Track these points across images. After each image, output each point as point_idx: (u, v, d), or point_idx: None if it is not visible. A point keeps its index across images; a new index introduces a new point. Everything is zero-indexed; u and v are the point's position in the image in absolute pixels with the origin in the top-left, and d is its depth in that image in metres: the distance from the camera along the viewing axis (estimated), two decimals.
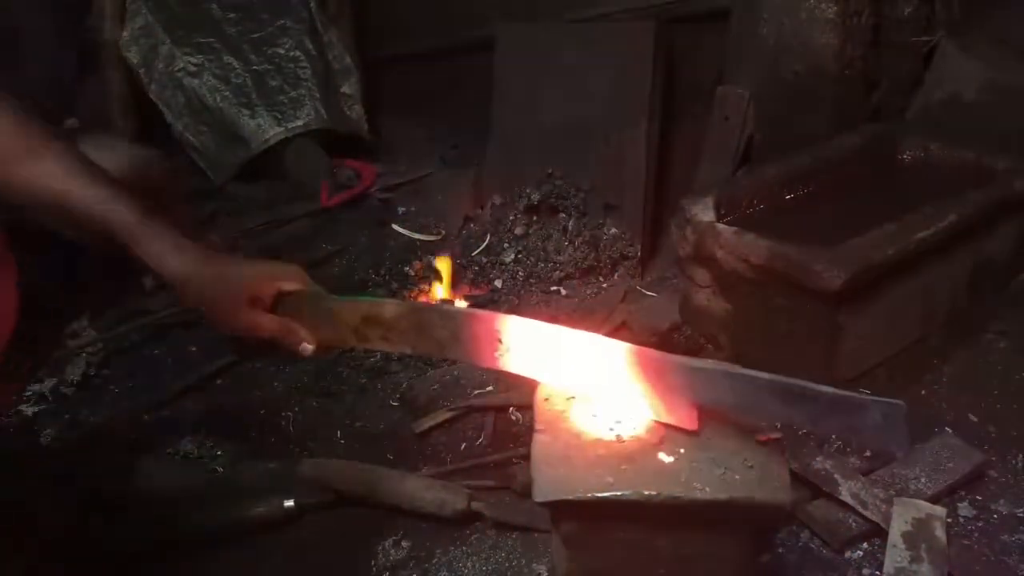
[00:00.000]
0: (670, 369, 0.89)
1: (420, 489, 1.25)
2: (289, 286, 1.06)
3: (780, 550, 1.17)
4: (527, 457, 0.93)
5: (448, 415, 1.46)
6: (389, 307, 1.04)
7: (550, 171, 2.03)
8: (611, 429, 0.91)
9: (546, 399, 0.97)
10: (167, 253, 0.98)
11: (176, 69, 2.52)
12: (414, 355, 1.56)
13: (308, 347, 1.05)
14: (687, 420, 0.89)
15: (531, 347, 0.95)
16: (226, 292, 1.01)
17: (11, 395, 1.30)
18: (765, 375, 0.85)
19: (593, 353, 0.92)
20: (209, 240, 2.02)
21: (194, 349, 1.73)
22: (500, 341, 0.95)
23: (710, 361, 0.93)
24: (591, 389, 0.94)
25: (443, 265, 1.88)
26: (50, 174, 0.94)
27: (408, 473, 1.30)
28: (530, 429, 0.94)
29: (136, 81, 2.56)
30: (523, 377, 0.97)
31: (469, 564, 1.18)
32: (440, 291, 1.85)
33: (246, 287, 1.02)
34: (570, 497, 0.83)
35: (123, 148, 1.15)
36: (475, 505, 1.23)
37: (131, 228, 0.96)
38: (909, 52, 2.02)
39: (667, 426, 0.90)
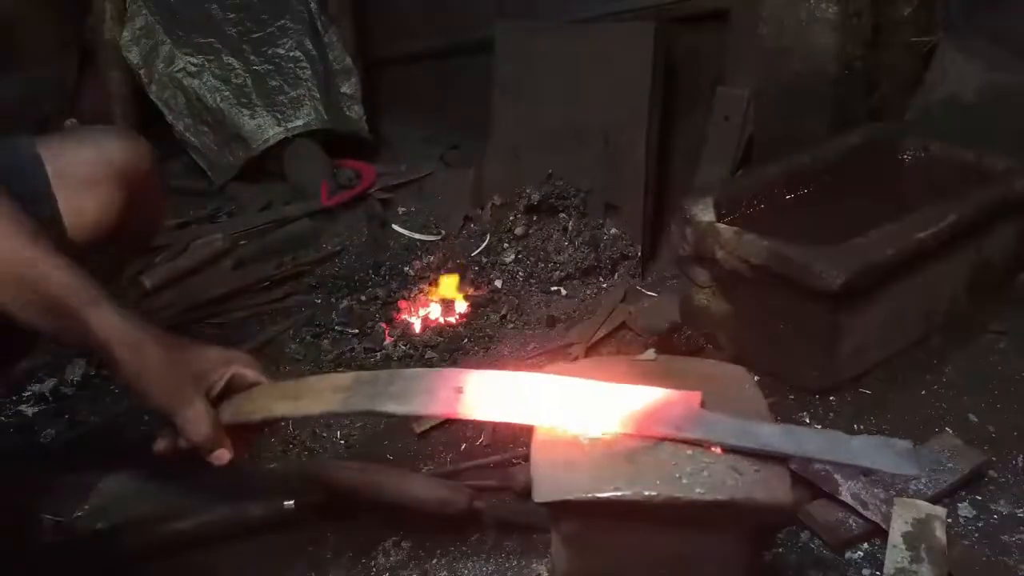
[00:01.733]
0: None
1: (421, 489, 1.24)
2: (244, 371, 1.01)
3: (780, 550, 1.17)
4: (527, 457, 0.92)
5: None
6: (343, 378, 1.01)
7: (550, 171, 2.03)
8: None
9: None
10: (121, 315, 0.92)
11: (176, 69, 2.52)
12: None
13: (222, 457, 0.98)
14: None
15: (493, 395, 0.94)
16: (178, 362, 0.95)
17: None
18: (766, 427, 0.86)
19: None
20: (213, 243, 2.03)
21: None
22: (461, 391, 0.94)
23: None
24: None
25: (449, 282, 1.87)
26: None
27: (408, 473, 1.30)
28: (530, 429, 0.93)
29: (136, 81, 2.56)
30: None
31: (469, 564, 1.18)
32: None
33: (198, 361, 0.98)
34: (570, 497, 0.83)
35: (110, 142, 1.12)
36: (476, 505, 1.23)
37: (82, 286, 0.90)
38: (909, 52, 2.02)
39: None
